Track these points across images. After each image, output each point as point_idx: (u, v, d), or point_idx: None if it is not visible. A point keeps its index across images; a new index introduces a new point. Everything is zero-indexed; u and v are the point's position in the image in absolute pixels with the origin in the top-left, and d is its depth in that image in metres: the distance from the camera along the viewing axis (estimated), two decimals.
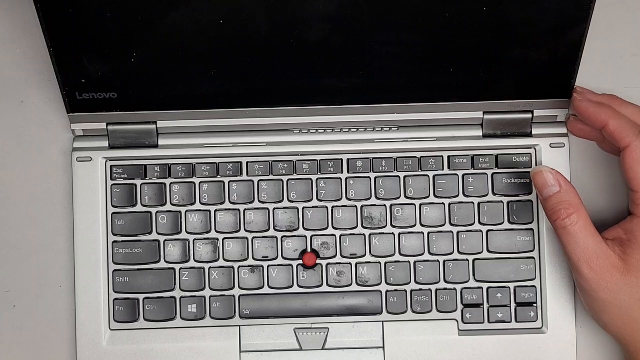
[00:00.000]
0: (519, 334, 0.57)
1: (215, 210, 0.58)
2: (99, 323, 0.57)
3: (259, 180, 0.58)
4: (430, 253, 0.58)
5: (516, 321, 0.57)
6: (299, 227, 0.58)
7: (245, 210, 0.58)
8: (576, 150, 0.58)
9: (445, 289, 0.58)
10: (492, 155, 0.58)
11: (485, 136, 0.58)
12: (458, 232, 0.58)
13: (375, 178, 0.58)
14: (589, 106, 0.53)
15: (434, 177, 0.58)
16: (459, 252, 0.58)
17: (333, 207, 0.58)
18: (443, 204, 0.58)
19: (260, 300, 0.58)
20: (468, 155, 0.58)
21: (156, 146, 0.57)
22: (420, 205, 0.58)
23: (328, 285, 0.58)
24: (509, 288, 0.57)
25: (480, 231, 0.57)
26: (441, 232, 0.58)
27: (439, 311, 0.58)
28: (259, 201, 0.58)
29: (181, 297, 0.58)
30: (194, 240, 0.58)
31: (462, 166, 0.58)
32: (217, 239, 0.58)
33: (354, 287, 0.58)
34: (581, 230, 0.51)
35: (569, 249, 0.52)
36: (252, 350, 0.57)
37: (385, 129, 0.57)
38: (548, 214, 0.53)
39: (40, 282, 0.58)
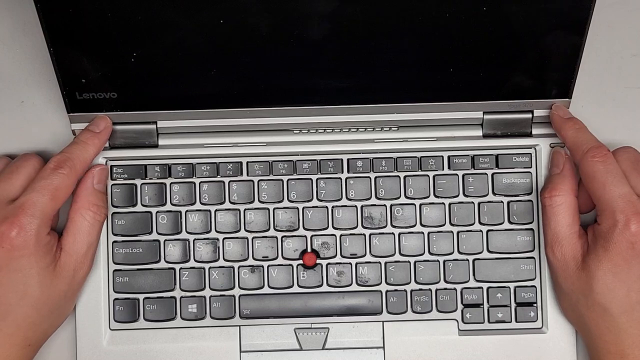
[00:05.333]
0: (519, 334, 0.57)
1: (215, 210, 0.58)
2: (99, 323, 0.57)
3: (259, 180, 0.58)
4: (430, 253, 0.58)
5: (516, 321, 0.57)
6: (299, 227, 0.58)
7: (245, 210, 0.58)
8: None
9: (445, 289, 0.58)
10: (492, 155, 0.58)
11: (485, 136, 0.58)
12: (458, 232, 0.58)
13: (375, 178, 0.58)
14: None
15: (434, 177, 0.58)
16: (459, 252, 0.58)
17: (333, 207, 0.58)
18: (443, 204, 0.58)
19: (260, 300, 0.58)
20: (468, 155, 0.58)
21: (156, 146, 0.57)
22: (420, 205, 0.58)
23: (328, 285, 0.58)
24: (509, 288, 0.57)
25: (480, 231, 0.57)
26: (441, 232, 0.58)
27: (439, 311, 0.58)
28: (259, 201, 0.58)
29: (181, 297, 0.58)
30: (194, 240, 0.58)
31: (462, 166, 0.58)
32: (217, 239, 0.58)
33: (354, 287, 0.58)
34: (558, 214, 0.54)
35: (544, 228, 0.55)
36: (252, 350, 0.57)
37: (385, 129, 0.57)
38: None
39: None
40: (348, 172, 0.58)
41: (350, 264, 0.58)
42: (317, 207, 0.58)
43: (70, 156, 0.54)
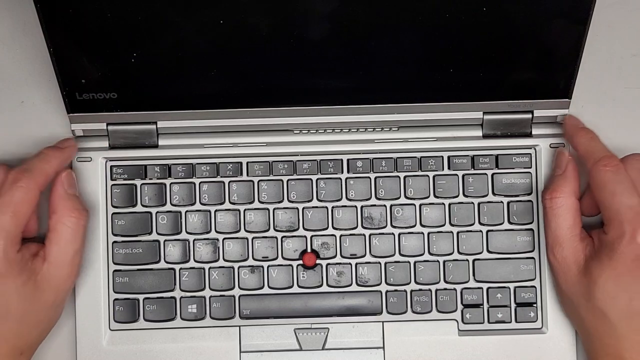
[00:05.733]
0: (519, 334, 0.57)
1: (215, 211, 0.58)
2: (99, 323, 0.57)
3: (259, 180, 0.58)
4: (430, 253, 0.58)
5: (516, 321, 0.57)
6: (299, 227, 0.58)
7: (245, 210, 0.58)
8: None
9: (445, 289, 0.58)
10: (492, 155, 0.58)
11: (485, 136, 0.58)
12: (458, 232, 0.58)
13: (375, 178, 0.58)
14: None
15: (434, 177, 0.58)
16: (459, 252, 0.58)
17: (333, 207, 0.58)
18: (443, 204, 0.58)
19: (260, 300, 0.58)
20: (468, 155, 0.58)
21: (156, 146, 0.57)
22: (420, 205, 0.58)
23: (328, 285, 0.58)
24: (509, 288, 0.57)
25: (480, 231, 0.57)
26: (441, 232, 0.58)
27: (439, 311, 0.58)
28: (259, 201, 0.58)
29: (181, 297, 0.58)
30: (194, 241, 0.58)
31: (462, 166, 0.58)
32: (217, 239, 0.58)
33: (354, 287, 0.58)
34: (559, 216, 0.53)
35: (545, 230, 0.55)
36: (252, 351, 0.57)
37: (385, 129, 0.57)
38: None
39: None
40: (348, 172, 0.58)
41: (350, 264, 0.58)
42: (317, 207, 0.58)
43: (29, 167, 0.52)
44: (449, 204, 0.58)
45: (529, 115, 0.57)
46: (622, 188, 0.51)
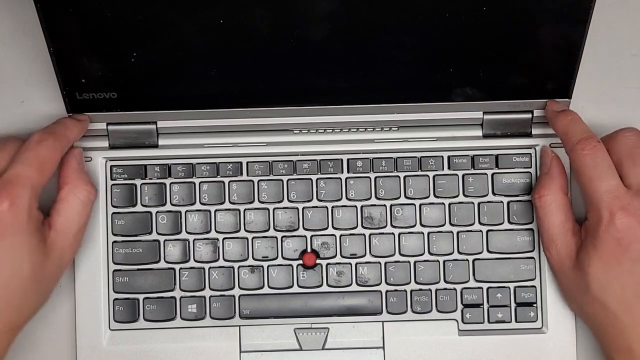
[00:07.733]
0: (519, 334, 0.57)
1: (215, 210, 0.58)
2: (99, 323, 0.57)
3: (259, 180, 0.58)
4: (430, 253, 0.58)
5: (516, 321, 0.57)
6: (299, 227, 0.58)
7: (245, 210, 0.58)
8: None
9: (445, 289, 0.58)
10: (492, 155, 0.58)
11: (485, 136, 0.58)
12: (458, 232, 0.58)
13: (375, 178, 0.58)
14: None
15: (434, 177, 0.58)
16: (459, 252, 0.58)
17: (333, 207, 0.58)
18: (443, 204, 0.58)
19: (260, 300, 0.58)
20: (468, 155, 0.58)
21: (156, 146, 0.57)
22: (420, 205, 0.58)
23: (328, 285, 0.58)
24: (509, 288, 0.57)
25: (480, 231, 0.57)
26: (441, 232, 0.58)
27: (438, 311, 0.58)
28: (259, 201, 0.58)
29: (181, 297, 0.58)
30: (194, 240, 0.58)
31: (462, 166, 0.58)
32: (217, 239, 0.58)
33: (354, 287, 0.58)
34: (549, 213, 0.54)
35: (539, 229, 0.55)
36: (252, 350, 0.57)
37: (385, 129, 0.57)
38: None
39: None
40: (348, 172, 0.58)
41: (350, 264, 0.58)
42: (317, 207, 0.58)
43: (53, 131, 0.52)
44: (449, 204, 0.58)
45: (529, 115, 0.57)
46: (599, 172, 0.50)
